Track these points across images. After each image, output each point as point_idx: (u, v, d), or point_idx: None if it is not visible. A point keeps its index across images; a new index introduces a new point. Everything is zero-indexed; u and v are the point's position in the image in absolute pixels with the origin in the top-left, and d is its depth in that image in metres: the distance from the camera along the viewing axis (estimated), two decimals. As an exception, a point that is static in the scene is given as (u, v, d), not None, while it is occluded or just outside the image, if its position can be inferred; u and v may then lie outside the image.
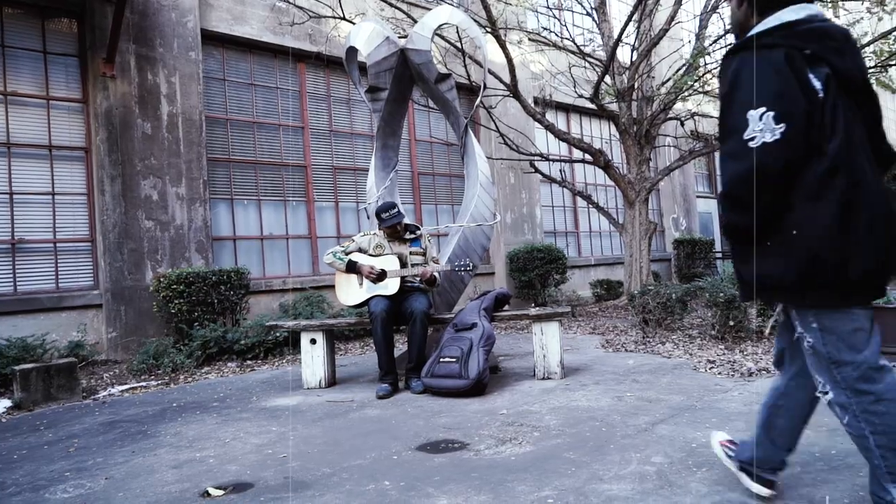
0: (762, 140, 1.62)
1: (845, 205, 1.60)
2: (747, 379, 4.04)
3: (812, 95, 1.62)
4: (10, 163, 6.15)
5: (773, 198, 1.66)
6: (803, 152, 1.63)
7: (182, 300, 6.19)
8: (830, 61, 1.65)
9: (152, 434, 3.58)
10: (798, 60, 1.63)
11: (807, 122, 1.61)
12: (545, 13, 10.64)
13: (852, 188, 1.61)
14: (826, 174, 1.62)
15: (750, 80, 1.65)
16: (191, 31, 7.20)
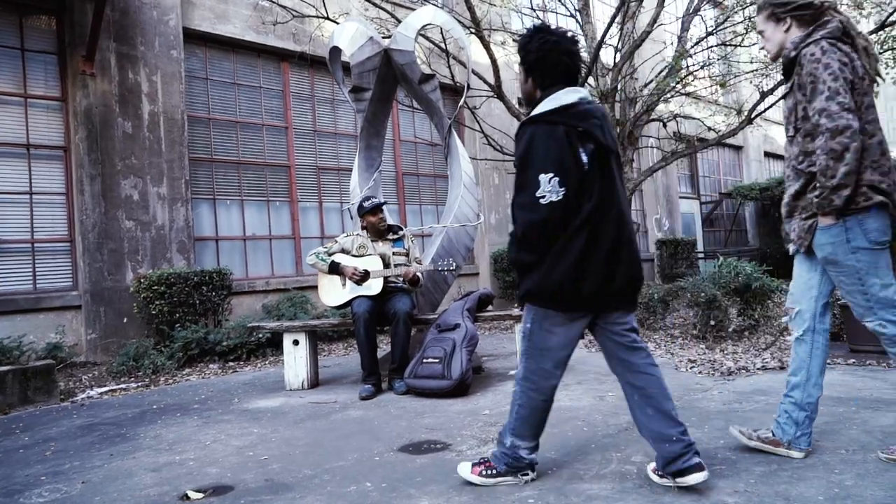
0: (550, 199, 2.09)
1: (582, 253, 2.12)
2: (727, 378, 4.09)
3: (581, 167, 2.12)
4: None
5: (551, 242, 2.15)
6: (574, 210, 2.12)
7: (163, 301, 6.13)
8: (595, 137, 2.14)
9: (131, 437, 3.54)
10: (573, 137, 2.13)
11: (577, 188, 2.11)
12: (529, 14, 10.66)
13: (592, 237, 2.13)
14: (577, 228, 2.12)
15: (541, 149, 2.12)
16: (173, 30, 7.13)
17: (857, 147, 2.16)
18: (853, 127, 2.16)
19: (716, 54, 12.53)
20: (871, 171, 2.23)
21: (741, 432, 2.60)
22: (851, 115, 2.17)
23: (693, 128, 12.10)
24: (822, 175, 2.21)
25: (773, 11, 2.44)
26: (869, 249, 2.24)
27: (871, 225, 2.23)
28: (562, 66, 2.26)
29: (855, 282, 2.28)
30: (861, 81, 2.26)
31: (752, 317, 5.76)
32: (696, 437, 2.81)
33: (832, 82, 2.20)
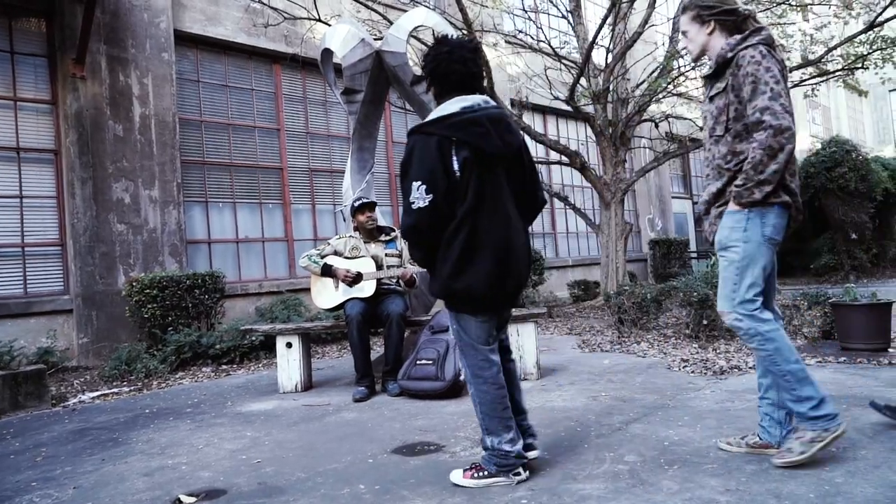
0: (419, 205, 2.27)
1: (465, 247, 2.29)
2: (719, 377, 4.10)
3: (452, 175, 2.29)
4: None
5: (427, 244, 2.36)
6: (447, 214, 2.30)
7: (155, 305, 6.10)
8: (473, 145, 2.29)
9: (123, 441, 3.52)
10: (446, 146, 2.29)
11: (446, 195, 2.28)
12: (521, 16, 10.69)
13: (471, 235, 2.29)
14: (454, 230, 2.30)
15: (417, 158, 2.30)
16: (163, 32, 7.10)
17: (791, 149, 2.26)
18: (792, 129, 2.25)
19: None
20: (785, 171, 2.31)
21: (728, 443, 2.61)
22: (791, 118, 2.26)
23: (685, 128, 12.16)
24: (752, 168, 2.28)
25: (699, 13, 2.50)
26: (758, 243, 2.33)
27: (770, 220, 2.32)
28: (454, 76, 2.40)
29: (734, 269, 2.37)
30: (786, 90, 2.36)
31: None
32: (688, 436, 2.83)
33: (774, 84, 2.28)
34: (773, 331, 2.32)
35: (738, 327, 2.37)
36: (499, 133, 2.34)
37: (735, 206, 2.34)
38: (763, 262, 2.35)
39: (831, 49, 8.72)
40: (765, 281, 2.38)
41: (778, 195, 2.30)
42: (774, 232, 2.34)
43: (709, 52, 2.52)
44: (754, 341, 2.35)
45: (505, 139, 2.36)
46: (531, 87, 10.26)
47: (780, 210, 2.33)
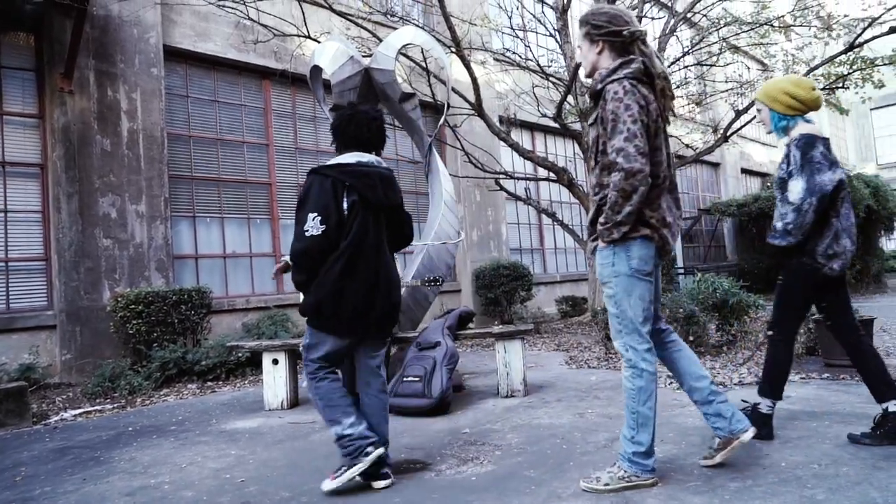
0: (312, 233, 2.61)
1: (340, 276, 2.64)
2: (705, 394, 4.12)
3: (341, 212, 2.67)
4: (-40, 180, 5.97)
5: (311, 268, 2.67)
6: (333, 244, 2.64)
7: (140, 321, 6.05)
8: (361, 192, 2.70)
9: (105, 460, 3.47)
10: (339, 188, 2.68)
11: (336, 227, 2.64)
12: (509, 34, 10.82)
13: (348, 268, 2.65)
14: (335, 259, 2.65)
15: (314, 193, 2.66)
16: (153, 47, 7.12)
17: (644, 191, 2.33)
18: (645, 171, 2.31)
19: (692, 73, 12.79)
20: (645, 206, 2.39)
21: (706, 458, 2.64)
22: (645, 160, 2.31)
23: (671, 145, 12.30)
24: (610, 209, 2.37)
25: (589, 32, 2.54)
26: (627, 276, 2.41)
27: (634, 253, 2.41)
28: (350, 136, 2.86)
29: (613, 304, 2.47)
30: (654, 124, 2.41)
31: (729, 332, 5.84)
32: (673, 454, 2.84)
33: (631, 124, 2.32)
34: (650, 372, 2.42)
35: (623, 355, 2.48)
36: (384, 189, 2.81)
37: (602, 243, 2.45)
38: (638, 292, 2.42)
39: (813, 69, 8.89)
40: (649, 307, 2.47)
41: (637, 230, 2.39)
42: (641, 263, 2.41)
43: (598, 71, 2.53)
44: (629, 372, 2.46)
45: (388, 195, 2.83)
46: (519, 105, 10.36)
47: (643, 242, 2.41)
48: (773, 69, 11.49)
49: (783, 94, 2.96)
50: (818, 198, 2.76)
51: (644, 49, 2.44)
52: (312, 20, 7.89)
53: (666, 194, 2.49)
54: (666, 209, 2.47)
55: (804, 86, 2.95)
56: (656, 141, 2.42)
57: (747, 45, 10.71)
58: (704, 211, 16.29)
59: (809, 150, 2.83)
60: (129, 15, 6.92)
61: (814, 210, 2.77)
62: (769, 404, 3.00)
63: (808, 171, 2.80)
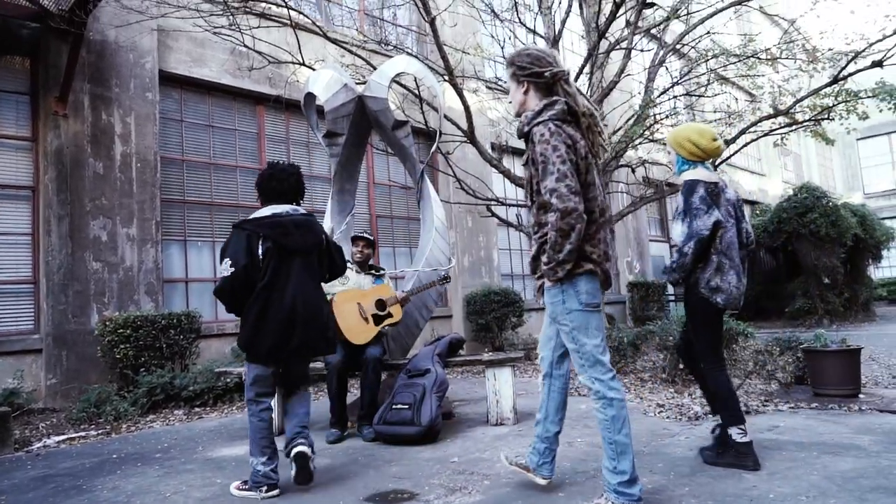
0: (224, 274, 3.07)
1: (258, 314, 3.09)
2: (694, 423, 4.12)
3: (256, 258, 3.10)
4: (-50, 202, 5.95)
5: (230, 304, 3.16)
6: (246, 285, 3.09)
7: (128, 345, 5.99)
8: (274, 240, 3.14)
9: (88, 489, 3.41)
10: (254, 239, 3.13)
11: (246, 271, 3.07)
12: (502, 63, 10.99)
13: (264, 306, 3.09)
14: (252, 300, 3.10)
15: (231, 244, 3.13)
16: (148, 72, 7.17)
17: (581, 228, 2.40)
18: (579, 210, 2.38)
19: (681, 103, 13.00)
20: (585, 241, 2.47)
21: (506, 457, 2.95)
22: (578, 198, 2.38)
23: (661, 173, 12.43)
24: (551, 248, 2.44)
25: (514, 73, 2.63)
26: (580, 311, 2.49)
27: (581, 288, 2.48)
28: (270, 190, 3.33)
29: (570, 339, 2.53)
30: (583, 161, 2.48)
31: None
32: (662, 485, 2.83)
33: (561, 165, 2.40)
34: (619, 399, 2.47)
35: (590, 388, 2.53)
36: (300, 234, 3.23)
37: (549, 282, 2.52)
38: (593, 324, 2.51)
39: (799, 100, 9.06)
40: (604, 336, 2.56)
41: (580, 266, 2.47)
42: (589, 297, 2.49)
43: (525, 113, 2.62)
44: (599, 403, 2.50)
45: (305, 238, 3.25)
46: (511, 132, 10.47)
47: (588, 276, 2.50)
48: (761, 100, 11.68)
49: (687, 141, 3.16)
50: (696, 242, 3.00)
51: (567, 89, 2.53)
52: (307, 47, 7.99)
53: (604, 230, 2.57)
54: (607, 243, 2.56)
55: (707, 135, 3.14)
56: (588, 177, 2.49)
57: (735, 77, 10.91)
58: (695, 238, 16.41)
59: (690, 196, 3.06)
60: (126, 40, 6.99)
61: (693, 252, 3.02)
62: (738, 431, 3.04)
63: (689, 217, 3.05)
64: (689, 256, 3.02)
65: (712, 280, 3.05)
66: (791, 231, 12.99)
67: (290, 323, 3.10)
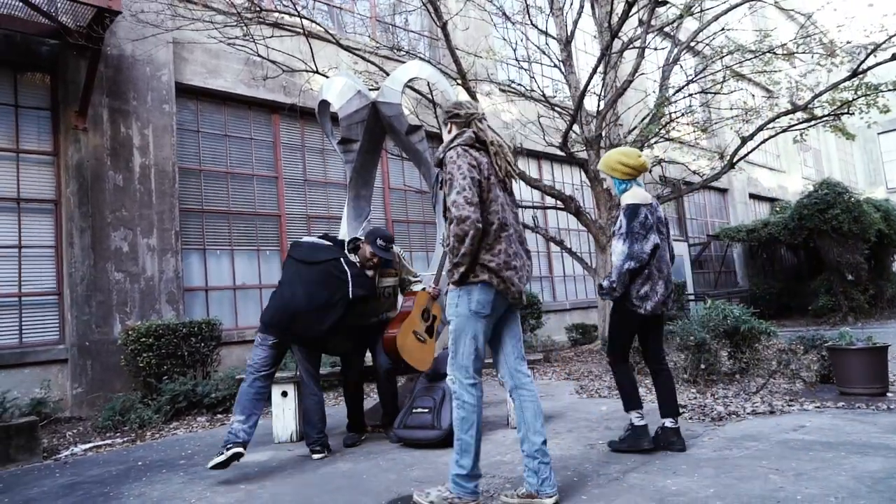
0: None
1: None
2: (717, 424, 4.07)
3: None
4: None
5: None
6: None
7: (151, 353, 6.07)
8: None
9: (115, 496, 3.46)
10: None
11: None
12: (514, 65, 10.99)
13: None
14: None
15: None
16: (165, 85, 7.28)
17: (475, 234, 2.65)
18: (472, 218, 2.64)
19: (697, 101, 12.89)
20: (484, 251, 2.72)
21: (506, 495, 2.82)
22: (473, 208, 2.66)
23: (678, 172, 12.33)
24: (451, 252, 2.72)
25: (445, 119, 3.05)
26: (467, 316, 2.72)
27: (475, 296, 2.71)
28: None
29: (451, 339, 2.77)
30: (486, 180, 2.78)
31: (741, 360, 5.77)
32: (687, 487, 2.80)
33: (461, 180, 2.71)
34: (471, 404, 2.71)
35: (451, 387, 2.76)
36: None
37: (452, 286, 2.77)
38: (472, 333, 2.73)
39: (817, 95, 8.94)
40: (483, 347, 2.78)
41: (476, 275, 2.71)
42: (480, 306, 2.71)
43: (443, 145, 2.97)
44: (456, 403, 2.74)
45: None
46: (525, 134, 10.46)
47: (483, 287, 2.71)
48: (778, 95, 11.55)
49: (618, 163, 3.57)
50: (636, 262, 3.39)
51: (479, 125, 2.91)
52: (320, 55, 8.06)
53: (508, 242, 2.78)
54: (512, 255, 2.77)
55: (632, 155, 3.56)
56: (490, 194, 2.78)
57: (751, 73, 10.80)
58: (713, 237, 16.25)
59: (633, 220, 3.43)
60: (142, 54, 7.10)
61: (631, 271, 3.40)
62: (637, 415, 3.52)
63: (631, 239, 3.40)
64: (627, 275, 3.41)
65: (642, 289, 3.44)
66: (812, 228, 12.80)
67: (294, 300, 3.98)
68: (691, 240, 16.35)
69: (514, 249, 2.81)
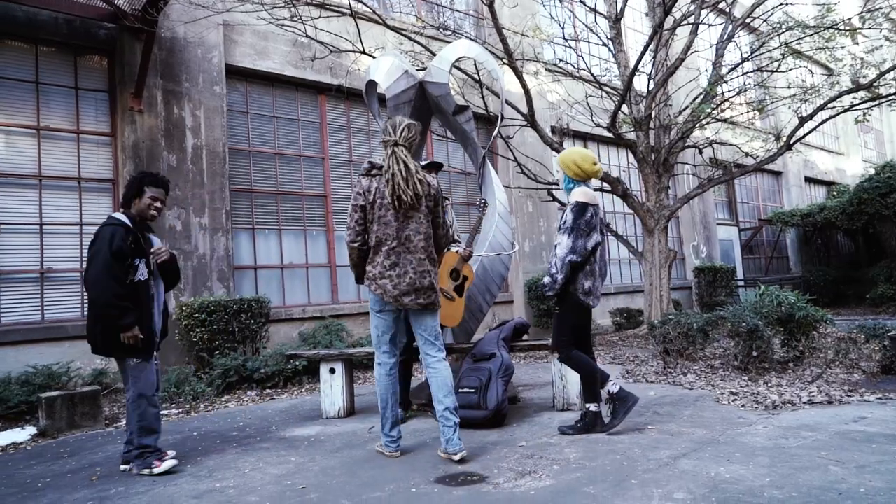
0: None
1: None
2: (772, 412, 3.96)
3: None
4: (40, 195, 6.34)
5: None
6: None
7: (203, 329, 6.26)
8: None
9: (173, 464, 3.59)
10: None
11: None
12: (561, 44, 10.77)
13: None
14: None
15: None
16: (216, 66, 7.41)
17: (349, 252, 3.42)
18: (347, 240, 3.40)
19: (752, 80, 12.41)
20: (368, 263, 3.38)
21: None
22: (347, 231, 3.38)
23: (730, 153, 11.94)
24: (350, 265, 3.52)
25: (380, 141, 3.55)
26: (371, 311, 3.47)
27: (371, 297, 3.44)
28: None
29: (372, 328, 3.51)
30: (370, 204, 3.31)
31: (796, 348, 5.59)
32: (741, 475, 2.74)
33: (351, 207, 3.38)
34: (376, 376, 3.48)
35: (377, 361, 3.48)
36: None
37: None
38: (373, 322, 3.45)
39: (883, 73, 8.49)
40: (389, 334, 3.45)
41: (363, 282, 3.43)
42: (372, 304, 3.44)
43: None
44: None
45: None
46: (572, 115, 10.27)
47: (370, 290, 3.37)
48: (840, 73, 11.01)
49: (573, 163, 3.76)
50: (580, 256, 3.62)
51: (385, 151, 3.37)
52: (367, 35, 8.06)
53: (386, 255, 3.30)
54: (388, 266, 3.30)
55: (588, 160, 3.75)
56: (375, 215, 3.30)
57: (811, 50, 10.32)
58: (765, 221, 15.71)
59: (579, 218, 3.63)
60: (194, 36, 7.23)
61: (572, 265, 3.62)
62: (594, 409, 3.71)
63: (575, 235, 3.62)
64: (568, 268, 3.61)
65: (586, 285, 3.69)
66: (873, 213, 12.26)
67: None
68: (742, 224, 15.85)
69: (392, 261, 3.30)
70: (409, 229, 3.31)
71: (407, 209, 3.30)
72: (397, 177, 3.26)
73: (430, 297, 3.37)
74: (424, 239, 3.36)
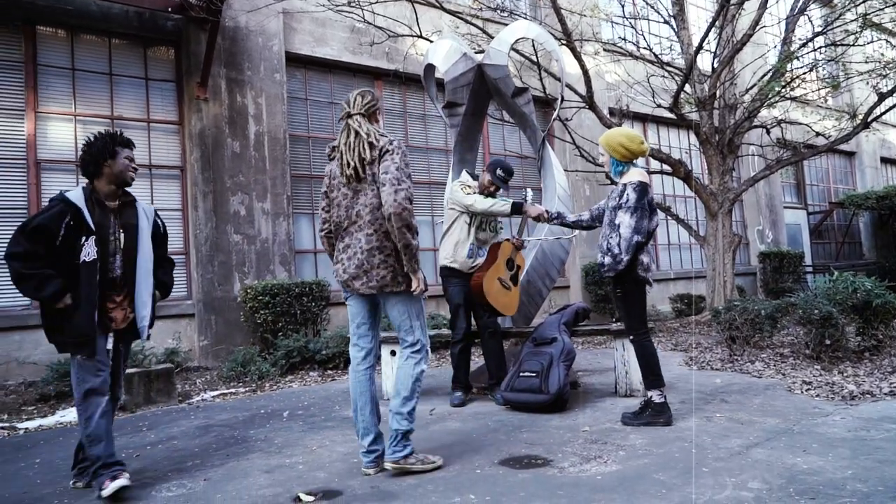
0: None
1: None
2: (849, 402, 3.79)
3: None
4: (115, 181, 6.65)
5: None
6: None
7: (267, 311, 6.46)
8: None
9: (243, 439, 3.74)
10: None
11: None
12: (621, 23, 10.47)
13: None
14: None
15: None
16: (276, 54, 7.56)
17: (322, 237, 3.21)
18: (320, 226, 3.20)
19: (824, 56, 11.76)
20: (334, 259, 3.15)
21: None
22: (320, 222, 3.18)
23: (799, 134, 11.38)
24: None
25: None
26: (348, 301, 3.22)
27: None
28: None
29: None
30: (329, 186, 3.08)
31: (874, 337, 5.32)
32: (820, 466, 2.63)
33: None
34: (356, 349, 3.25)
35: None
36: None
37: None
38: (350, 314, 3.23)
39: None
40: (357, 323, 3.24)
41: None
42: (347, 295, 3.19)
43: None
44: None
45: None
46: (632, 95, 9.99)
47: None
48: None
49: (619, 145, 3.62)
50: (644, 236, 3.55)
51: (347, 122, 3.02)
52: (424, 19, 8.04)
53: (341, 238, 3.03)
54: (341, 249, 3.03)
55: (635, 140, 3.64)
56: (333, 196, 3.06)
57: (891, 22, 9.69)
58: (837, 204, 14.95)
59: (643, 198, 3.56)
60: (255, 25, 7.39)
61: (637, 244, 3.53)
62: (658, 393, 3.54)
63: (639, 214, 3.53)
64: (633, 247, 3.51)
65: (645, 260, 3.60)
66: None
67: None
68: (811, 207, 15.13)
69: (346, 243, 3.00)
70: (358, 204, 2.94)
71: (356, 182, 2.93)
72: (341, 148, 2.97)
73: (384, 278, 2.91)
74: (370, 211, 2.90)
